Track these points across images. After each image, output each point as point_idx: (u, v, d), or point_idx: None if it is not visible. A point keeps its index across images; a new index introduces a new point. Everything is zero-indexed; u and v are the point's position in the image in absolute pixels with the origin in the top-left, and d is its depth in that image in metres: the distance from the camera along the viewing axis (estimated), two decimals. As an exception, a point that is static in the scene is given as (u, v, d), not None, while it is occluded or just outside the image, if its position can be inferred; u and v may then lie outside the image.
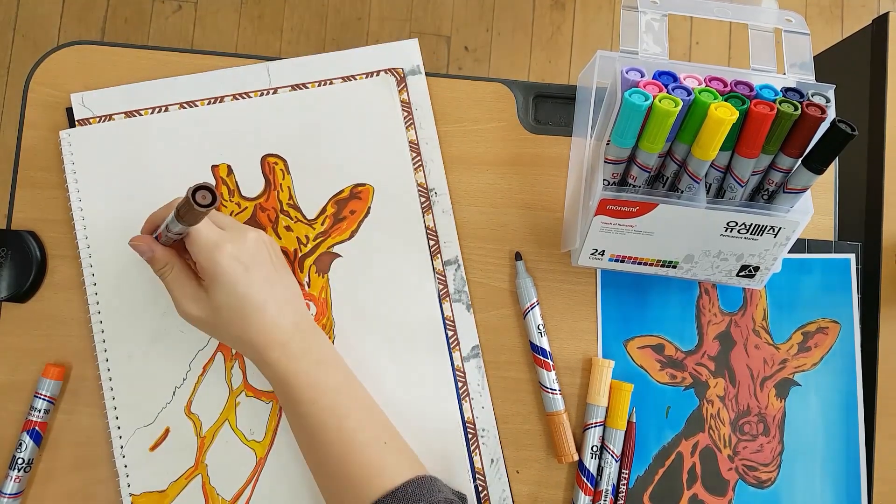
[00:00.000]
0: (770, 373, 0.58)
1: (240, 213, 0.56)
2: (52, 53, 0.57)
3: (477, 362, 0.56)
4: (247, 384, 0.55)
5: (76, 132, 0.56)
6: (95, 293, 0.54)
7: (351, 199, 0.57)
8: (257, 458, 0.54)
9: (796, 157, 0.48)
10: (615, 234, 0.51)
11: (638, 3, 0.50)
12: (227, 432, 0.54)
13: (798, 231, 0.50)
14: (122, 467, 0.53)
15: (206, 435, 0.54)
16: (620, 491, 0.56)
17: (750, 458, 0.58)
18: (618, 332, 0.58)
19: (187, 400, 0.54)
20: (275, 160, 0.56)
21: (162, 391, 0.54)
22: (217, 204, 0.40)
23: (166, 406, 0.54)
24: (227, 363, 0.55)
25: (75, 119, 0.56)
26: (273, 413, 0.55)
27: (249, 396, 0.55)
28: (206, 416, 0.54)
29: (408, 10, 1.52)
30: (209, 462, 0.54)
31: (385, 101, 0.57)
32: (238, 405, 0.54)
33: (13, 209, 0.56)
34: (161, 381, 0.54)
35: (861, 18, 1.59)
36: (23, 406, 0.54)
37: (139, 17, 1.48)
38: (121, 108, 0.56)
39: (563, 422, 0.56)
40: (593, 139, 0.51)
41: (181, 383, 0.54)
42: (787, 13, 0.52)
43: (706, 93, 0.45)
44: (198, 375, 0.54)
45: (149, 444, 0.53)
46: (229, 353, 0.55)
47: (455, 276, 0.57)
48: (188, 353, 0.55)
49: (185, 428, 0.54)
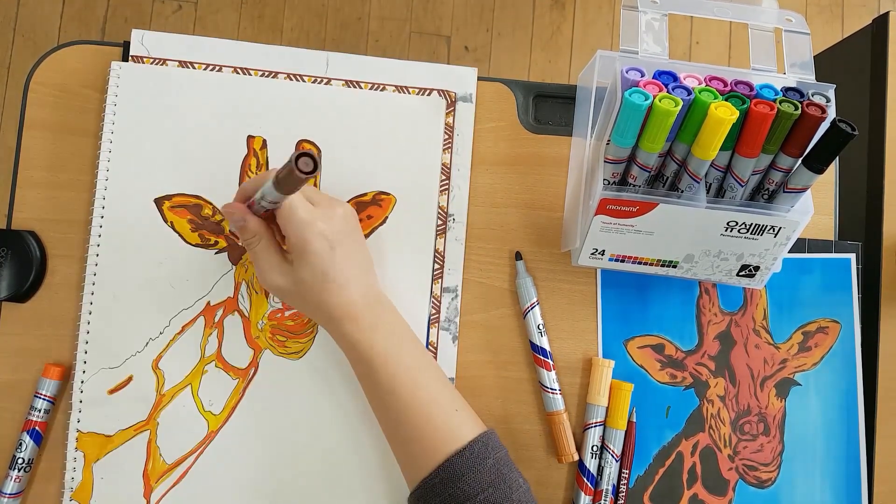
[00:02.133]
0: (770, 372, 0.58)
1: None
2: (52, 53, 0.57)
3: None
4: (219, 355, 0.55)
5: (127, 67, 0.56)
6: (100, 226, 0.54)
7: (372, 203, 0.57)
8: (208, 431, 0.54)
9: (796, 157, 0.48)
10: (615, 234, 0.51)
11: (638, 2, 0.50)
12: (186, 396, 0.54)
13: (798, 231, 0.50)
14: (77, 402, 0.53)
15: (167, 394, 0.54)
16: (620, 491, 0.56)
17: (750, 458, 0.58)
18: (618, 331, 0.58)
19: (157, 354, 0.54)
20: (310, 147, 0.56)
21: (136, 339, 0.54)
22: (318, 172, 0.40)
23: (136, 354, 0.54)
24: (206, 329, 0.55)
25: (129, 55, 0.56)
26: (236, 390, 0.55)
27: (218, 368, 0.55)
28: (171, 375, 0.54)
29: (408, 10, 1.52)
30: (161, 421, 0.54)
31: (430, 121, 0.58)
32: (205, 373, 0.54)
33: (13, 209, 0.56)
34: (138, 328, 0.54)
35: (861, 18, 1.59)
36: (23, 406, 0.54)
37: (139, 17, 1.48)
38: (177, 56, 0.57)
39: (564, 422, 0.56)
40: (593, 139, 0.51)
41: (157, 336, 0.54)
42: (788, 13, 0.52)
43: (706, 92, 0.45)
44: (175, 333, 0.54)
45: (109, 387, 0.54)
46: (211, 319, 0.55)
47: (450, 304, 0.57)
48: (172, 309, 0.55)
49: (148, 381, 0.54)
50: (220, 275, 0.55)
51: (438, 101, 0.58)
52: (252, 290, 0.55)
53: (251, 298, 0.55)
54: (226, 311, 0.55)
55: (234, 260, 0.55)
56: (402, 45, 1.51)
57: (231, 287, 0.55)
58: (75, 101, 0.56)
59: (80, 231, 0.56)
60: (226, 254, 0.55)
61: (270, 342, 0.55)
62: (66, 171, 0.56)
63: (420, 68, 0.58)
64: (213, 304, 0.55)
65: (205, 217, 0.55)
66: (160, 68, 0.56)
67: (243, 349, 0.55)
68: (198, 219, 0.55)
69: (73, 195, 0.56)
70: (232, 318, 0.55)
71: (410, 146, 0.57)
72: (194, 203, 0.55)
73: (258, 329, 0.55)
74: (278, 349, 0.55)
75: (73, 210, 0.56)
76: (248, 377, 0.55)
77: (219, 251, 0.55)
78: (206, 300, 0.55)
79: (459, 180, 0.58)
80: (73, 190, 0.56)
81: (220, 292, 0.55)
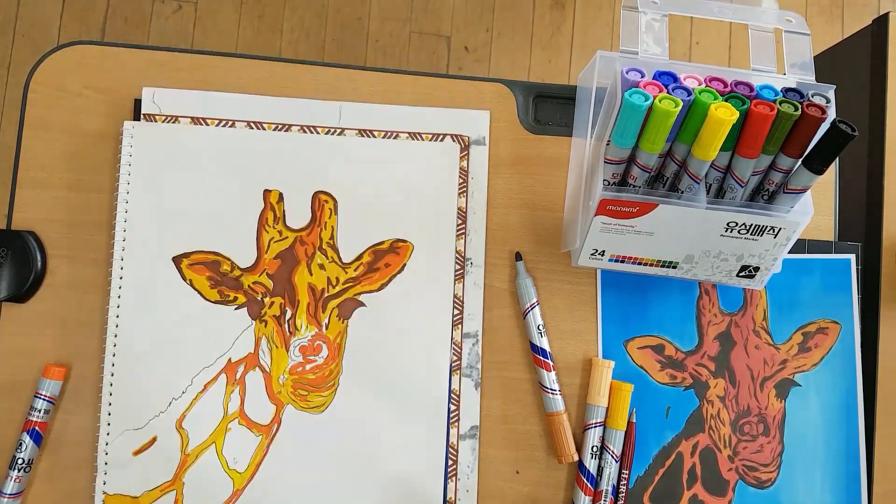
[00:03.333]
0: (770, 373, 0.58)
1: (279, 241, 0.56)
2: (52, 53, 0.57)
3: (472, 444, 0.56)
4: (242, 412, 0.54)
5: (140, 126, 0.56)
6: (119, 287, 0.54)
7: (389, 252, 0.57)
8: (234, 489, 0.54)
9: (796, 158, 0.48)
10: (615, 235, 0.51)
11: (638, 3, 0.50)
12: (210, 455, 0.54)
13: (798, 231, 0.50)
14: (103, 464, 0.53)
15: (191, 453, 0.54)
16: (620, 491, 0.56)
17: (750, 459, 0.58)
18: (618, 332, 0.58)
19: (181, 414, 0.54)
20: (326, 198, 0.56)
21: (159, 399, 0.54)
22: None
23: (159, 415, 0.54)
24: (228, 386, 0.55)
25: (141, 113, 0.56)
26: (260, 447, 0.54)
27: (241, 425, 0.54)
28: (195, 434, 0.54)
29: (408, 10, 1.52)
30: (187, 481, 0.54)
31: (444, 167, 0.58)
32: (228, 431, 0.54)
33: (13, 209, 0.56)
34: (160, 388, 0.54)
35: (861, 18, 1.59)
36: (22, 406, 0.54)
37: (139, 17, 1.48)
38: (189, 113, 0.56)
39: (564, 422, 0.55)
40: (593, 139, 0.51)
41: (179, 395, 0.54)
42: (788, 13, 0.52)
43: (706, 93, 0.45)
44: (197, 392, 0.54)
45: (133, 448, 0.53)
46: (232, 376, 0.55)
47: (471, 350, 0.57)
48: (193, 368, 0.54)
49: (172, 441, 0.54)
50: (241, 331, 0.55)
51: (452, 146, 0.58)
52: (272, 346, 0.55)
53: (272, 353, 0.55)
54: (247, 367, 0.55)
55: (253, 315, 0.55)
56: (403, 46, 1.51)
57: (251, 343, 0.55)
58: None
59: (80, 231, 0.56)
60: (245, 309, 0.55)
61: (292, 397, 0.55)
62: (67, 171, 0.56)
63: (432, 113, 0.58)
64: (234, 361, 0.55)
65: (223, 273, 0.55)
66: (173, 126, 0.56)
67: (265, 405, 0.55)
68: (216, 275, 0.55)
69: (73, 195, 0.56)
70: (253, 374, 0.55)
71: (426, 192, 0.57)
72: (213, 259, 0.55)
73: (280, 384, 0.55)
74: (300, 403, 0.55)
75: (73, 210, 0.56)
76: (272, 433, 0.55)
77: (238, 307, 0.55)
78: (227, 357, 0.55)
79: (476, 224, 0.58)
80: (74, 190, 0.56)
81: (241, 348, 0.55)
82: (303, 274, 0.56)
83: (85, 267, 0.55)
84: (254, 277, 0.56)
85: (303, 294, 0.56)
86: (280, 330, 0.55)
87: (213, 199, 0.56)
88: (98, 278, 0.55)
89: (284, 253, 0.56)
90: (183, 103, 0.57)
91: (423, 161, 0.58)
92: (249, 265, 0.56)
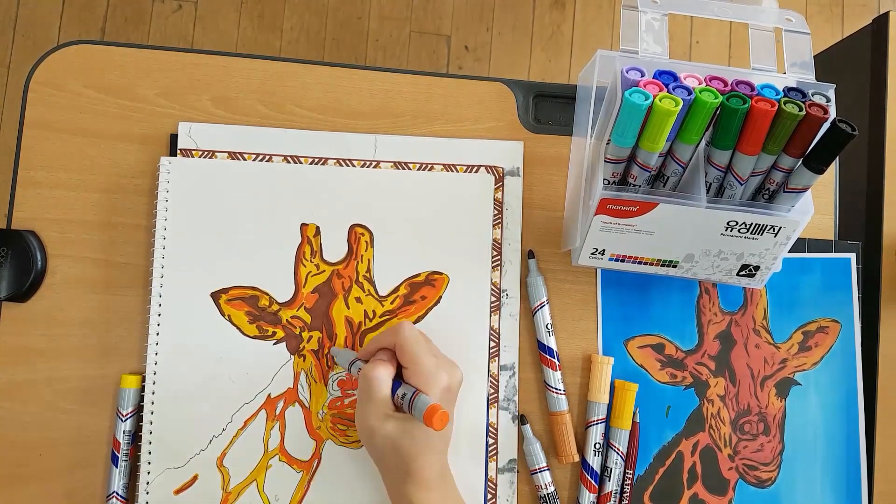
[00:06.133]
0: (770, 372, 0.58)
1: (317, 275, 0.56)
2: (52, 53, 0.57)
3: (511, 477, 0.55)
4: (283, 449, 0.54)
5: (177, 161, 0.56)
6: (157, 324, 0.54)
7: (425, 284, 0.57)
8: None
9: (797, 157, 0.48)
10: (615, 234, 0.51)
11: (638, 2, 0.50)
12: (252, 493, 0.54)
13: (798, 230, 0.50)
14: (144, 502, 0.53)
15: (232, 491, 0.54)
16: (625, 491, 0.56)
17: (750, 458, 0.58)
18: (618, 331, 0.58)
19: (222, 451, 0.54)
20: (362, 231, 0.56)
21: (199, 437, 0.54)
22: None
23: (200, 453, 0.54)
24: (268, 423, 0.54)
25: (178, 148, 0.56)
26: (301, 483, 0.54)
27: (282, 462, 0.54)
28: (236, 471, 0.54)
29: (408, 10, 1.52)
30: None
31: (479, 198, 0.58)
32: (269, 468, 0.54)
33: (13, 209, 0.56)
34: (200, 426, 0.54)
35: (861, 18, 1.59)
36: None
37: (139, 17, 1.48)
38: (225, 147, 0.56)
39: (567, 422, 0.55)
40: (593, 139, 0.51)
41: (220, 433, 0.54)
42: (788, 12, 0.52)
43: (707, 92, 0.45)
44: (237, 429, 0.54)
45: (174, 487, 0.53)
46: (272, 412, 0.55)
47: (508, 382, 0.56)
48: (233, 405, 0.54)
49: (214, 479, 0.53)
50: (280, 366, 0.55)
51: (486, 177, 0.58)
52: (311, 380, 0.55)
53: (311, 388, 0.55)
54: (286, 402, 0.55)
55: (292, 350, 0.55)
56: (402, 45, 1.51)
57: (290, 378, 0.55)
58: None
59: (81, 231, 0.56)
60: (284, 344, 0.55)
61: (332, 432, 0.55)
62: (67, 171, 0.56)
63: (466, 145, 0.58)
64: (273, 397, 0.55)
65: (262, 308, 0.55)
66: (210, 161, 0.56)
67: (305, 441, 0.55)
68: (255, 310, 0.55)
69: (73, 195, 0.56)
70: (293, 410, 0.55)
71: (461, 224, 0.57)
72: (251, 294, 0.55)
73: (319, 419, 0.55)
74: (340, 439, 0.55)
75: (73, 210, 0.56)
76: (312, 469, 0.54)
77: (277, 342, 0.55)
78: (266, 393, 0.55)
79: (511, 255, 0.58)
80: (74, 190, 0.56)
81: (280, 384, 0.55)
82: (340, 307, 0.56)
83: (85, 267, 0.55)
84: (292, 312, 0.55)
85: (340, 328, 0.56)
86: (318, 364, 0.55)
87: (251, 234, 0.56)
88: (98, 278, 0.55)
89: (322, 287, 0.56)
90: (219, 138, 0.57)
91: (458, 192, 0.57)
92: (287, 299, 0.56)
